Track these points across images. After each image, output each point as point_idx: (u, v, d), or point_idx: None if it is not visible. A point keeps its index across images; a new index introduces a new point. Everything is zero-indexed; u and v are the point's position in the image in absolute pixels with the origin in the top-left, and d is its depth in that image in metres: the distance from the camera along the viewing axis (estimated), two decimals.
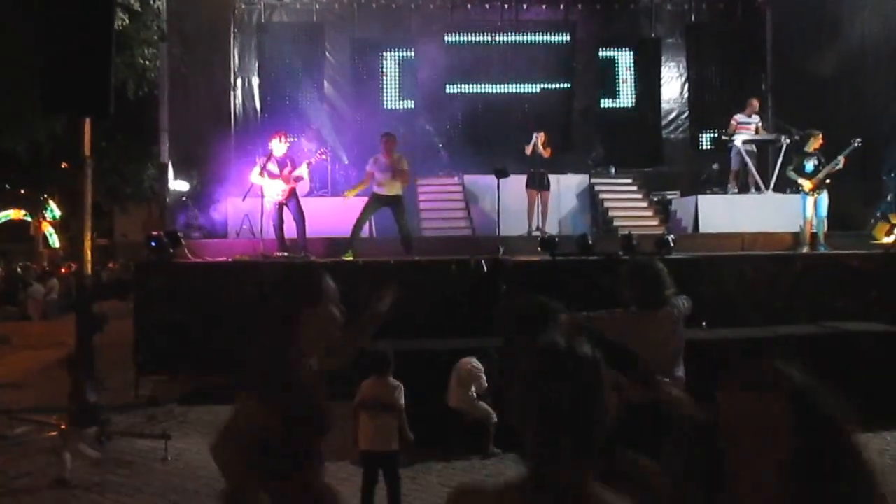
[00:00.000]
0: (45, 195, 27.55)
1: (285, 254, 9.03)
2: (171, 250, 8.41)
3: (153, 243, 8.26)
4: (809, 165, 10.08)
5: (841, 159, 9.88)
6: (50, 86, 6.42)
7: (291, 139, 10.24)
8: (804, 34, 13.27)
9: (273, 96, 14.33)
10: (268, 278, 8.09)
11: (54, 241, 31.56)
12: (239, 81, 13.97)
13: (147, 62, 12.35)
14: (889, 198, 10.63)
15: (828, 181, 9.95)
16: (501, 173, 10.24)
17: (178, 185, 12.21)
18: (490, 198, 11.13)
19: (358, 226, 9.62)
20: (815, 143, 10.15)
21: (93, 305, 7.22)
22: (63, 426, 6.49)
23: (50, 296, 18.14)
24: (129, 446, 6.52)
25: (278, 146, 9.49)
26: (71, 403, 6.70)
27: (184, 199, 11.82)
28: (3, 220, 30.66)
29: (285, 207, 9.38)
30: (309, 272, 2.31)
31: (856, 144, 9.88)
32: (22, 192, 26.43)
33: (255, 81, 14.18)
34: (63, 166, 21.77)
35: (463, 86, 14.78)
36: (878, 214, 10.45)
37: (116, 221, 28.12)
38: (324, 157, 10.69)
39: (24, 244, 31.03)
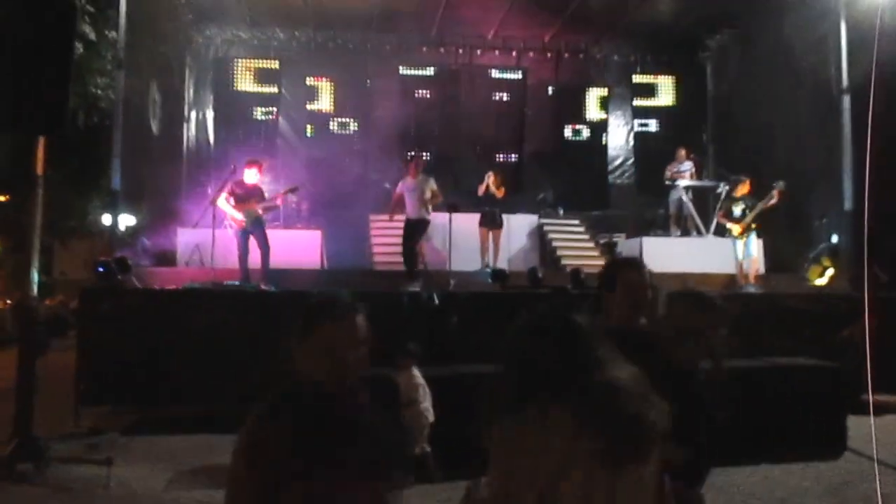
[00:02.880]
0: None
1: (237, 282, 8.99)
2: (120, 277, 8.29)
3: (101, 269, 8.14)
4: (737, 210, 10.65)
5: (770, 199, 10.42)
6: (3, 105, 6.36)
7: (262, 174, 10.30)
8: (742, 84, 13.99)
9: (226, 130, 14.34)
10: (218, 306, 8.08)
11: None
12: (193, 114, 13.96)
13: (99, 91, 12.27)
14: (822, 243, 11.17)
15: (754, 225, 10.51)
16: (453, 208, 10.45)
17: (124, 218, 12.06)
18: (442, 234, 11.29)
19: (410, 256, 10.08)
20: (742, 189, 10.75)
21: (37, 328, 7.04)
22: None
23: None
24: (70, 473, 6.34)
25: (251, 175, 9.60)
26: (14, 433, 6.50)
27: (130, 230, 11.68)
28: None
29: (251, 236, 9.41)
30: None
31: (777, 187, 10.45)
32: None
33: (210, 115, 14.19)
34: (1, 199, 21.26)
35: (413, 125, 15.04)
36: (811, 258, 10.95)
37: (56, 258, 27.41)
38: (293, 193, 10.84)
39: None
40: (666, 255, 11.63)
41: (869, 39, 9.45)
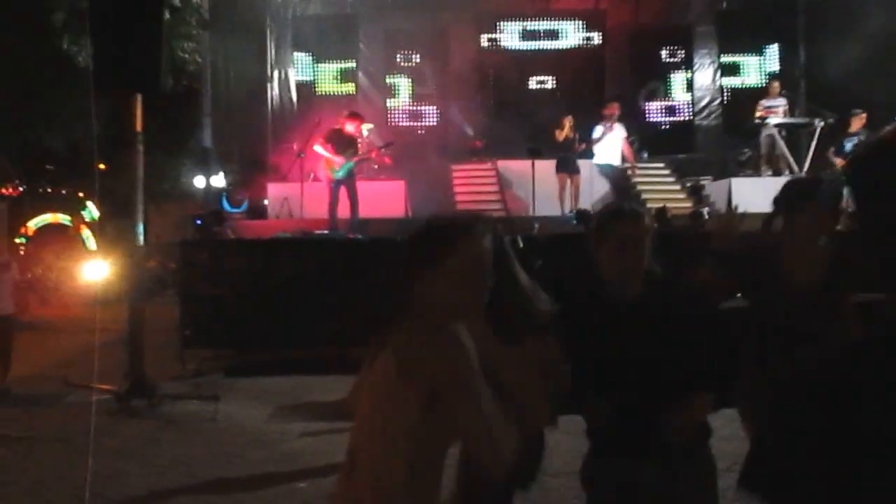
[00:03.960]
0: (83, 195, 28.25)
1: (326, 231, 9.26)
2: (215, 229, 8.67)
3: (198, 221, 8.53)
4: (848, 146, 10.09)
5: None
6: (101, 65, 6.69)
7: (367, 127, 10.62)
8: (838, 19, 13.21)
9: (308, 88, 14.60)
10: (308, 254, 8.38)
11: (91, 243, 32.27)
12: (275, 73, 14.26)
13: (186, 55, 12.69)
14: None
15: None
16: (535, 153, 10.39)
17: (215, 179, 12.56)
18: (523, 182, 11.28)
19: None
20: (857, 123, 10.16)
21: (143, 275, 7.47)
22: (115, 390, 6.77)
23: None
24: (179, 409, 6.77)
25: (350, 127, 9.89)
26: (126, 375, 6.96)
27: (224, 188, 12.16)
28: (42, 224, 31.42)
29: (342, 186, 9.70)
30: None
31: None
32: (63, 192, 27.16)
33: (292, 73, 14.47)
34: (100, 167, 22.36)
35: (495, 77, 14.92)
36: None
37: (150, 223, 28.78)
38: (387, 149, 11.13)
39: (64, 247, 31.69)
40: (756, 195, 11.23)
41: None
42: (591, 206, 12.04)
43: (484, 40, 14.96)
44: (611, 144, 11.55)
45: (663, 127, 15.23)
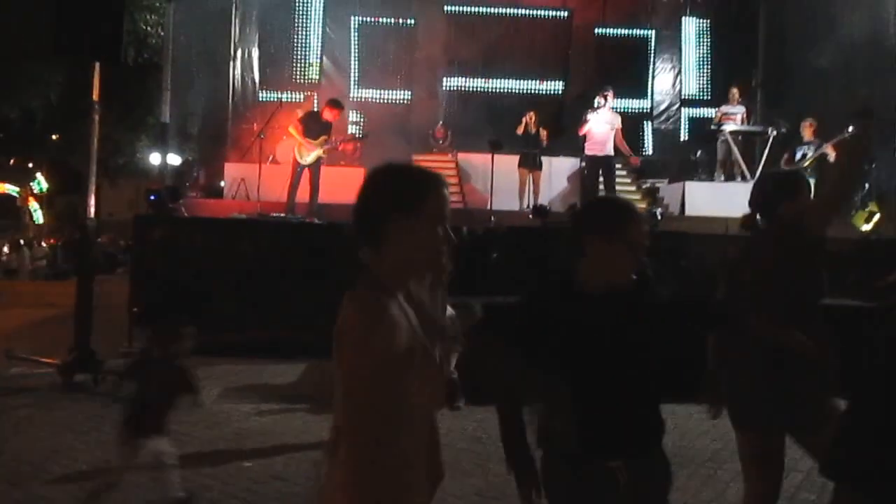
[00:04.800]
0: (33, 166, 27.52)
1: (283, 214, 9.22)
2: (170, 205, 8.56)
3: (153, 197, 8.41)
4: (799, 154, 10.44)
5: (827, 147, 10.21)
6: (62, 31, 6.55)
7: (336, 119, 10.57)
8: (796, 29, 13.55)
9: (272, 69, 14.43)
10: (264, 236, 8.32)
11: (38, 216, 31.48)
12: (239, 52, 14.06)
13: (149, 28, 12.48)
14: (867, 187, 10.95)
15: (809, 170, 10.27)
16: (497, 146, 10.48)
17: (173, 157, 12.35)
18: (483, 175, 11.34)
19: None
20: (808, 132, 10.51)
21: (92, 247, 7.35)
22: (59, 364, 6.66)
23: (38, 262, 18.23)
24: (124, 386, 6.66)
25: (329, 115, 9.90)
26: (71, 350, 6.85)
27: (181, 165, 11.99)
28: None
29: (306, 171, 9.69)
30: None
31: (848, 134, 10.18)
32: (11, 162, 26.41)
33: (255, 53, 14.27)
34: (54, 138, 21.77)
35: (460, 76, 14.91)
36: (858, 203, 10.76)
37: (103, 198, 28.18)
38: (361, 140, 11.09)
39: (10, 219, 30.93)
40: (709, 199, 11.53)
41: None
42: (549, 203, 12.24)
43: (451, 31, 14.95)
44: (602, 133, 11.25)
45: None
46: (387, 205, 1.69)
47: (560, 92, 15.14)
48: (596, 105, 11.11)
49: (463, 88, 14.74)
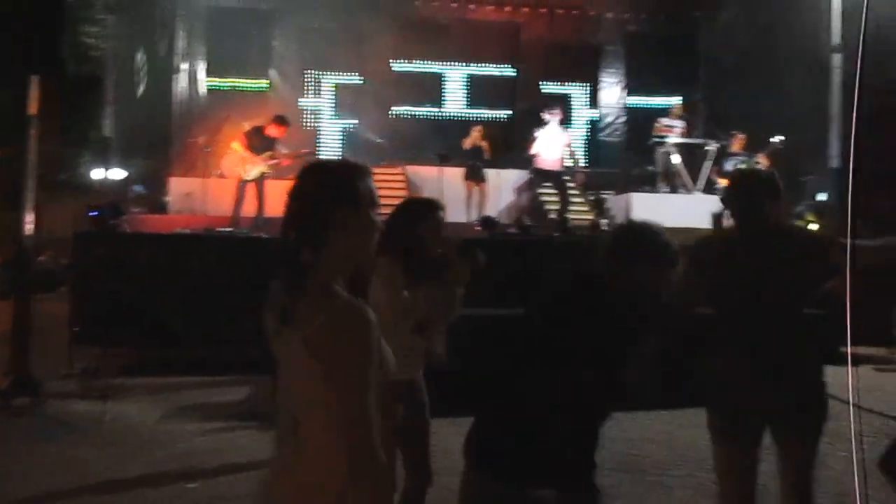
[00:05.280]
0: None
1: (228, 228, 9.11)
2: (112, 221, 8.38)
3: (94, 213, 8.22)
4: (729, 166, 10.80)
5: (759, 158, 10.58)
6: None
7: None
8: (734, 42, 13.99)
9: (218, 82, 14.27)
10: (209, 251, 8.20)
11: None
12: (184, 65, 13.87)
13: (91, 40, 12.21)
14: (808, 199, 11.35)
15: None
16: (444, 159, 10.56)
17: (115, 172, 12.10)
18: (431, 187, 11.39)
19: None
20: (737, 145, 10.88)
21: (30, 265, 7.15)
22: None
23: None
24: (65, 409, 6.50)
25: (274, 131, 9.78)
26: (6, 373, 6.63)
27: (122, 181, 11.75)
28: None
29: (250, 186, 9.58)
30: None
31: (775, 143, 10.57)
32: None
33: (201, 66, 14.10)
34: None
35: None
36: (795, 214, 11.12)
37: (43, 215, 27.36)
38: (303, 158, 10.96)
39: None
40: (655, 211, 11.77)
41: None
42: (497, 214, 12.36)
43: (399, 44, 15.02)
44: (552, 150, 11.55)
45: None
46: (331, 198, 1.76)
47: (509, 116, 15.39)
48: (545, 122, 11.34)
49: (413, 114, 14.87)
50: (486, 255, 3.38)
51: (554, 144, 11.18)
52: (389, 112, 14.57)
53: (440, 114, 15.11)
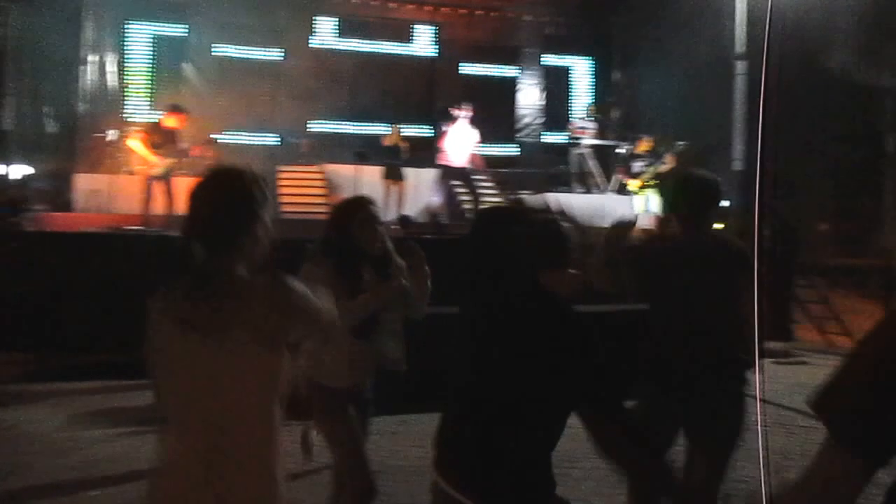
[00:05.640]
0: None
1: (138, 227, 8.81)
2: (12, 219, 8.00)
3: None
4: (636, 167, 11.22)
5: (666, 159, 11.01)
6: None
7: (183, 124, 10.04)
8: (644, 46, 14.45)
9: (129, 73, 13.77)
10: (117, 251, 7.91)
11: None
12: (92, 55, 13.32)
13: None
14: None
15: (652, 182, 11.07)
16: (363, 158, 10.50)
17: (15, 169, 11.54)
18: (350, 186, 11.31)
19: None
20: (643, 146, 11.30)
21: None
22: None
23: None
24: None
25: (170, 122, 9.42)
26: None
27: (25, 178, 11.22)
28: None
29: (158, 183, 9.25)
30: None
31: (679, 146, 11.03)
32: None
33: (110, 56, 13.56)
34: None
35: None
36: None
37: None
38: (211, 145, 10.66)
39: None
40: (572, 210, 12.01)
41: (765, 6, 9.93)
42: (415, 213, 12.38)
43: (316, 40, 14.87)
44: (460, 145, 11.51)
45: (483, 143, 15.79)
46: (250, 205, 1.87)
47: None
48: (454, 118, 11.37)
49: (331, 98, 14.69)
50: (421, 248, 3.34)
51: (463, 142, 11.24)
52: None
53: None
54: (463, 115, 11.29)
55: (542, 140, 16.09)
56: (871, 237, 13.74)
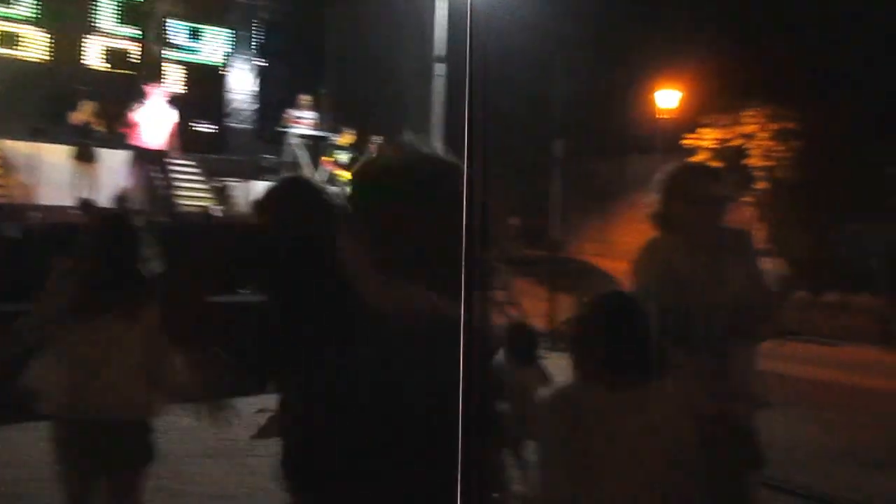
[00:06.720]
0: None
1: None
2: None
3: None
4: (343, 158, 11.71)
5: (370, 148, 11.64)
6: None
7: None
8: (366, 41, 14.85)
9: None
10: None
11: None
12: None
13: None
14: None
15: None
16: (40, 134, 9.51)
17: None
18: (30, 166, 10.22)
19: None
20: (346, 139, 11.84)
21: None
22: None
23: None
24: None
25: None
26: None
27: None
28: None
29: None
30: None
31: (377, 141, 11.75)
32: None
33: None
34: None
35: None
36: None
37: None
38: None
39: None
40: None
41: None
42: (113, 197, 11.50)
43: None
44: (154, 125, 10.51)
45: (196, 128, 15.19)
46: None
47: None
48: (147, 94, 10.61)
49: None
50: None
51: (158, 122, 10.36)
52: None
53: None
54: (158, 92, 10.53)
55: (253, 127, 15.81)
56: (545, 231, 15.19)
